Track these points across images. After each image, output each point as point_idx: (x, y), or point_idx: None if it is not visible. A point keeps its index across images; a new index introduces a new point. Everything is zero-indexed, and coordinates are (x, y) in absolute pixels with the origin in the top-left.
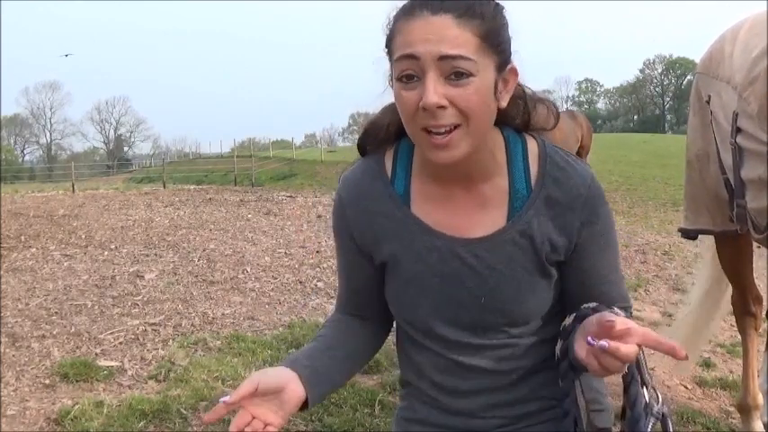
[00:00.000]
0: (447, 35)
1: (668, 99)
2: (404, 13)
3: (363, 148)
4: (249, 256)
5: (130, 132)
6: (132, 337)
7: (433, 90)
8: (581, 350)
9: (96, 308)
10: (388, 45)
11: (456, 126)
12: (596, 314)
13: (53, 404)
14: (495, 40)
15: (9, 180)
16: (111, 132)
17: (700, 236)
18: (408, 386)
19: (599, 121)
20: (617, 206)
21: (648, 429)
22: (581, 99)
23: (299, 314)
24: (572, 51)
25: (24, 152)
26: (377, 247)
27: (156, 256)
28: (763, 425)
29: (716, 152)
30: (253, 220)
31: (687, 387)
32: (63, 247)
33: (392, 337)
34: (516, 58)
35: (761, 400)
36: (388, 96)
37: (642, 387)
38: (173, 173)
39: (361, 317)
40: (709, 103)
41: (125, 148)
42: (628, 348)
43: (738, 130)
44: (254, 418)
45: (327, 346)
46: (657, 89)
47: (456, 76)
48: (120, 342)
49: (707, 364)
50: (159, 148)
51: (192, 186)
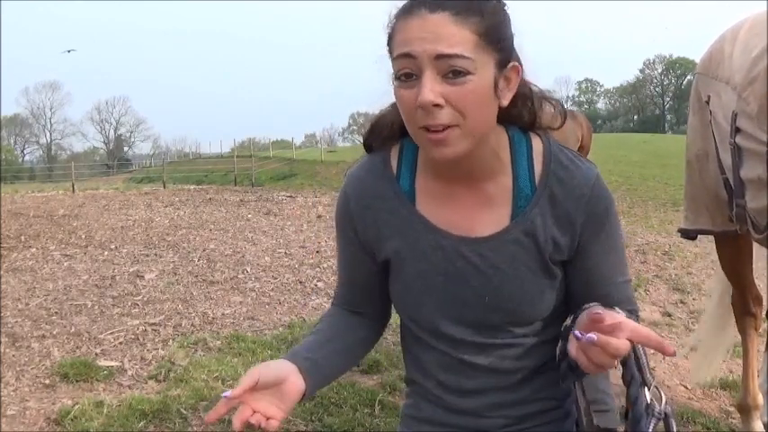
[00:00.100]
0: (444, 33)
1: (668, 99)
2: (403, 12)
3: (369, 145)
4: (249, 256)
5: (130, 132)
6: (132, 337)
7: (429, 89)
8: (572, 346)
9: (96, 308)
10: (388, 44)
11: (453, 125)
12: (586, 309)
13: (53, 404)
14: (495, 38)
15: (9, 180)
16: (111, 132)
17: (703, 237)
18: (413, 384)
19: (599, 121)
20: (617, 206)
21: (650, 430)
22: (581, 99)
23: (299, 314)
24: (572, 51)
25: (24, 152)
26: (380, 244)
27: (156, 256)
28: (763, 425)
29: (715, 152)
30: (253, 220)
31: (687, 387)
32: (63, 247)
33: (392, 338)
34: (522, 56)
35: (761, 400)
36: (390, 96)
37: (643, 387)
38: (173, 173)
39: (358, 312)
40: (708, 103)
41: (125, 148)
42: (618, 343)
43: (738, 130)
44: (255, 412)
45: (326, 339)
46: (657, 89)
47: (453, 74)
48: (120, 342)
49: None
50: (159, 148)
51: (192, 186)
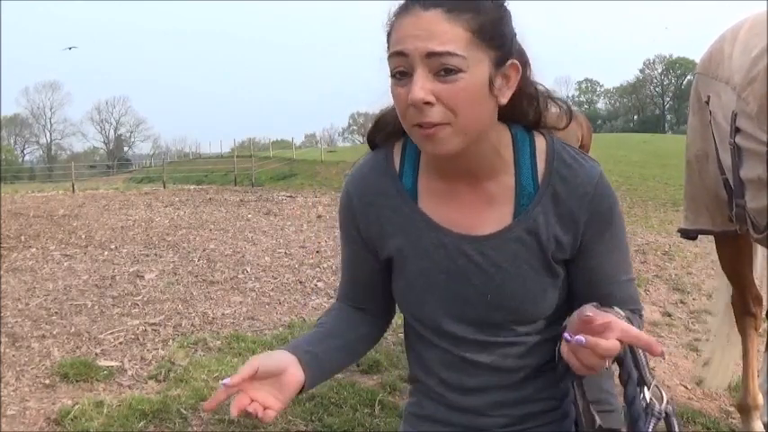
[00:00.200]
0: (436, 31)
1: (668, 99)
2: (400, 10)
3: (373, 141)
4: (249, 256)
5: (130, 132)
6: (132, 337)
7: (420, 86)
8: (563, 348)
9: (96, 308)
10: (387, 41)
11: (444, 122)
12: (577, 310)
13: (53, 404)
14: (490, 35)
15: (9, 180)
16: (111, 132)
17: (703, 237)
18: (416, 382)
19: (599, 121)
20: None
21: (650, 429)
22: (581, 99)
23: (299, 314)
24: (572, 51)
25: (24, 152)
26: (383, 241)
27: (156, 256)
28: (763, 425)
29: (715, 152)
30: (253, 220)
31: (687, 387)
32: (63, 247)
33: (392, 338)
34: (527, 55)
35: (761, 400)
36: (391, 96)
37: (642, 386)
38: (173, 173)
39: (361, 309)
40: (708, 103)
41: (125, 148)
42: (607, 344)
43: (737, 130)
44: (253, 401)
45: (328, 334)
46: (657, 89)
47: (445, 72)
48: (120, 342)
49: (707, 364)
50: (159, 148)
51: (192, 186)
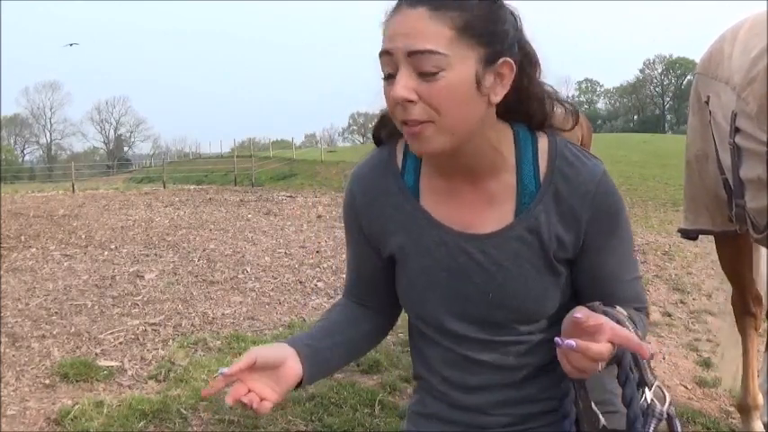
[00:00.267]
0: (418, 29)
1: (668, 99)
2: (392, 9)
3: (378, 137)
4: (249, 256)
5: (130, 132)
6: (132, 337)
7: (402, 85)
8: (558, 352)
9: (96, 308)
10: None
11: (428, 121)
12: (570, 312)
13: (53, 404)
14: (478, 32)
15: (9, 180)
16: (111, 132)
17: (703, 237)
18: (420, 380)
19: (599, 121)
20: None
21: (650, 430)
22: (581, 99)
23: (299, 314)
24: (572, 51)
25: (24, 152)
26: (385, 238)
27: (156, 256)
28: (763, 425)
29: (715, 152)
30: (253, 220)
31: (687, 387)
32: (63, 247)
33: (392, 338)
34: (537, 56)
35: (761, 400)
36: None
37: (642, 387)
38: (173, 173)
39: (366, 306)
40: (708, 103)
41: (125, 148)
42: (599, 347)
43: (737, 130)
44: (250, 391)
45: (329, 330)
46: (657, 89)
47: (426, 70)
48: (120, 342)
49: (707, 364)
50: (159, 148)
51: (192, 186)
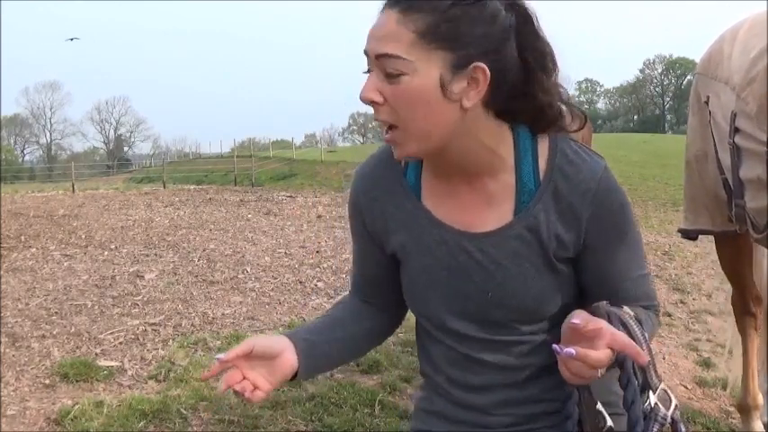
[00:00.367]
0: (385, 32)
1: (668, 99)
2: (379, 9)
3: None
4: (249, 256)
5: (130, 132)
6: (132, 337)
7: (368, 86)
8: (559, 359)
9: (96, 308)
10: None
11: (393, 124)
12: (568, 317)
13: (53, 404)
14: (443, 36)
15: (9, 180)
16: (111, 132)
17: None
18: (426, 378)
19: (599, 121)
20: None
21: None
22: (581, 99)
23: (299, 314)
24: (572, 51)
25: (24, 152)
26: (387, 236)
27: (156, 256)
28: (763, 425)
29: (714, 152)
30: (253, 220)
31: (687, 387)
32: (63, 247)
33: (392, 338)
34: (556, 60)
35: (761, 400)
36: None
37: (646, 391)
38: (173, 173)
39: (371, 304)
40: (707, 103)
41: (125, 148)
42: (598, 354)
43: (737, 130)
44: (244, 378)
45: (330, 325)
46: (657, 89)
47: (389, 73)
48: (120, 342)
49: (707, 364)
50: (159, 148)
51: (192, 186)
